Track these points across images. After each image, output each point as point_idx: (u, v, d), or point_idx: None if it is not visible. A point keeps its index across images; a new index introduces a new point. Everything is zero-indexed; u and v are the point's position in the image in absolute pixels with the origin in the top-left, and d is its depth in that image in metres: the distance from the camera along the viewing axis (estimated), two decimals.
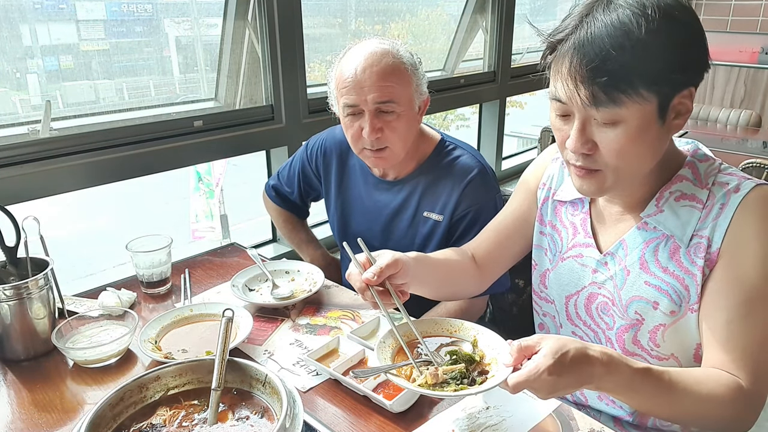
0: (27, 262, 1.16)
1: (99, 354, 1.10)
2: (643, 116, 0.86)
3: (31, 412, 0.99)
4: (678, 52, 0.85)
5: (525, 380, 0.79)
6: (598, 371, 0.81)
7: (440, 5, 3.61)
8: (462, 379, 0.90)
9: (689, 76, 0.88)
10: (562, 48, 0.88)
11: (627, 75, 0.83)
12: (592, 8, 0.87)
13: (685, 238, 0.95)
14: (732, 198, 0.92)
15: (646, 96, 0.85)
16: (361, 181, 1.57)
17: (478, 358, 0.94)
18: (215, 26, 2.05)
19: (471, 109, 5.73)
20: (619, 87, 0.84)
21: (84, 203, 7.15)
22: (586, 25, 0.86)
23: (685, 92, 0.88)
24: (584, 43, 0.85)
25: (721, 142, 3.55)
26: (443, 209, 1.45)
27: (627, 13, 0.83)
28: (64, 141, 1.59)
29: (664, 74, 0.84)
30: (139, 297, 1.38)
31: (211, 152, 1.93)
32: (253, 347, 1.18)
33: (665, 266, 0.97)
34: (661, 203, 0.98)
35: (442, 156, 1.48)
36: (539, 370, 0.78)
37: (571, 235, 1.12)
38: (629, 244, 1.02)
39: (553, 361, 0.78)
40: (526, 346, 0.83)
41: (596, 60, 0.83)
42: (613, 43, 0.83)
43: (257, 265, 1.45)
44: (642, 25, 0.82)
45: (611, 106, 0.85)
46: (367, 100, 1.33)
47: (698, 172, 0.97)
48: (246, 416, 0.87)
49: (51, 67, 1.97)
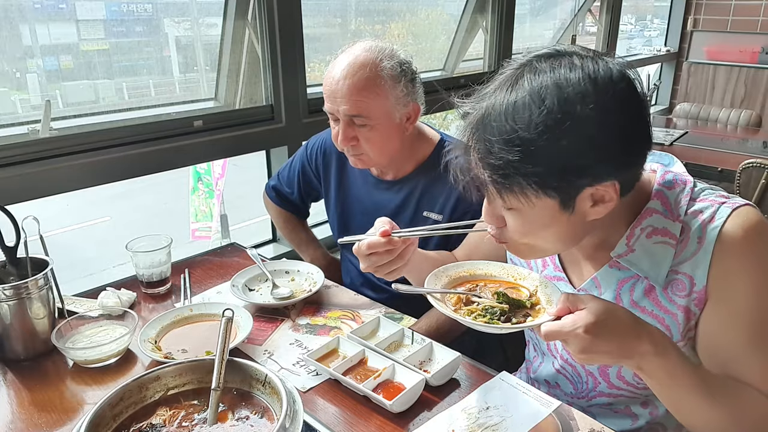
0: (27, 262, 1.16)
1: (99, 354, 1.10)
2: (543, 210, 0.80)
3: (31, 412, 0.99)
4: (575, 153, 0.76)
5: (558, 330, 0.75)
6: (644, 348, 0.75)
7: (440, 5, 3.61)
8: (500, 317, 0.89)
9: (602, 171, 0.78)
10: (466, 121, 0.83)
11: (511, 174, 0.77)
12: (502, 82, 0.81)
13: (660, 279, 0.89)
14: (708, 230, 0.85)
15: (534, 196, 0.79)
16: (360, 181, 1.57)
17: (528, 304, 0.93)
18: (215, 26, 2.04)
19: None
20: (505, 185, 0.79)
21: (84, 203, 7.15)
22: (488, 101, 0.80)
23: (599, 187, 0.79)
24: (479, 126, 0.80)
25: (721, 142, 3.55)
26: (443, 209, 1.45)
27: (525, 101, 0.76)
28: (64, 141, 1.59)
29: (555, 177, 0.77)
30: (139, 297, 1.38)
31: (211, 152, 1.93)
32: (253, 347, 1.18)
33: (643, 306, 0.93)
34: (632, 242, 0.90)
35: (441, 156, 1.48)
36: (576, 325, 0.74)
37: (541, 266, 1.09)
38: (602, 283, 0.97)
39: (595, 320, 0.73)
40: (573, 299, 0.77)
41: (482, 151, 0.79)
42: (501, 135, 0.76)
43: (257, 265, 1.45)
44: (533, 119, 0.74)
45: (506, 195, 0.81)
46: (339, 110, 1.35)
47: (668, 202, 0.90)
48: (246, 416, 0.87)
49: (51, 66, 1.97)
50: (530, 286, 0.99)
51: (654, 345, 0.76)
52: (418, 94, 1.42)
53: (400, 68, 1.36)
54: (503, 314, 0.90)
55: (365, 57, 1.34)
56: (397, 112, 1.38)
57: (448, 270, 1.03)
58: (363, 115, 1.33)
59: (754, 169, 2.57)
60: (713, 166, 2.89)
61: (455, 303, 0.96)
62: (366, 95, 1.32)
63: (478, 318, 0.90)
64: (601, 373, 1.03)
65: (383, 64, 1.34)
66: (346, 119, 1.35)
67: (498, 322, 0.88)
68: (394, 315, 1.30)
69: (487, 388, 1.03)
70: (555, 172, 0.77)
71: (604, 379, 1.02)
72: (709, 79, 5.03)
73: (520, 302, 0.93)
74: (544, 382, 1.14)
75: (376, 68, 1.33)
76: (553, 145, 0.75)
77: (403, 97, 1.37)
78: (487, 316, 0.90)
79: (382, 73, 1.33)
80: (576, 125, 0.74)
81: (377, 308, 1.33)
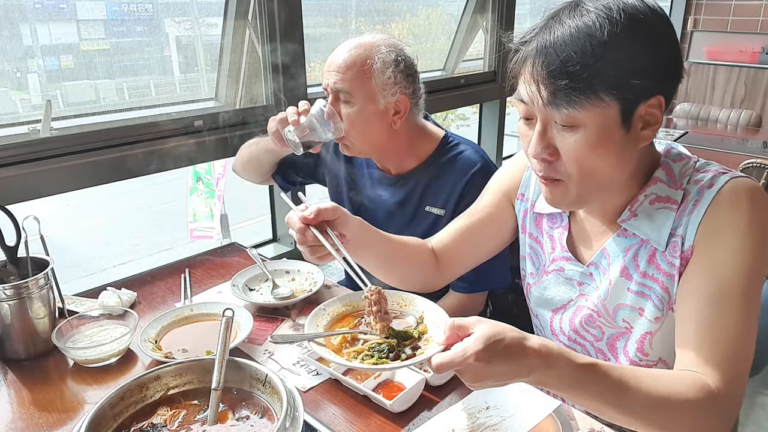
0: (27, 262, 1.16)
1: (99, 353, 1.10)
2: (604, 121, 0.84)
3: (31, 412, 1.00)
4: (641, 57, 0.83)
5: (449, 361, 0.75)
6: (534, 363, 0.76)
7: (440, 5, 3.61)
8: (389, 353, 0.87)
9: (654, 83, 0.85)
10: (526, 50, 0.87)
11: (586, 78, 0.81)
12: (559, 12, 0.86)
13: (662, 241, 0.92)
14: (706, 194, 0.89)
15: (606, 100, 0.82)
16: (366, 175, 1.60)
17: (416, 334, 0.91)
18: (216, 26, 2.05)
19: (471, 108, 5.74)
20: (578, 89, 0.82)
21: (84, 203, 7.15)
22: (551, 28, 0.85)
23: (653, 101, 0.85)
24: (546, 46, 0.84)
25: (721, 142, 3.55)
26: (445, 203, 1.46)
27: (592, 17, 0.82)
28: (64, 141, 1.59)
29: (626, 79, 0.82)
30: (139, 297, 1.38)
31: (211, 152, 1.93)
32: (253, 347, 1.18)
33: (644, 271, 0.95)
34: (635, 207, 0.95)
35: (445, 152, 1.49)
36: (466, 354, 0.74)
37: (550, 248, 1.10)
38: (611, 253, 0.99)
39: (483, 346, 0.74)
40: (459, 326, 0.78)
41: (556, 62, 0.82)
42: (574, 46, 0.82)
43: (257, 265, 1.45)
44: (605, 27, 0.81)
45: (570, 108, 0.83)
46: (329, 84, 1.40)
47: (672, 173, 0.94)
48: (246, 416, 0.87)
49: (51, 66, 1.97)
50: (416, 313, 0.98)
51: (542, 358, 0.76)
52: (411, 89, 1.43)
53: (395, 57, 1.39)
54: (391, 350, 0.88)
55: (366, 41, 1.40)
56: (383, 98, 1.39)
57: (328, 307, 0.99)
58: (346, 90, 1.38)
59: (754, 169, 2.57)
60: None
61: (340, 343, 0.93)
62: (354, 73, 1.37)
63: (366, 359, 0.88)
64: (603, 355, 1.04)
65: (380, 49, 1.39)
66: (333, 94, 1.41)
67: (387, 361, 0.86)
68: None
69: None
70: (626, 72, 0.82)
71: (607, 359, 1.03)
72: (709, 79, 5.03)
73: (408, 334, 0.91)
74: None
75: (370, 51, 1.38)
76: (624, 47, 0.82)
77: (390, 85, 1.39)
78: (375, 356, 0.88)
79: (374, 56, 1.38)
80: (643, 31, 0.83)
81: None
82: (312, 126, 1.38)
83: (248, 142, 1.71)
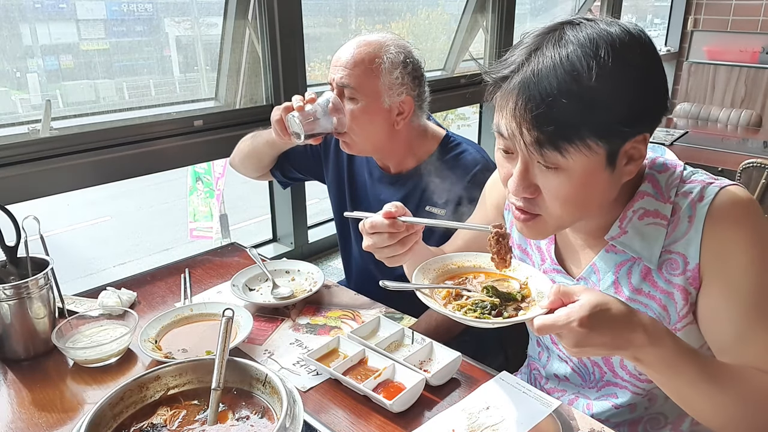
0: (27, 262, 1.16)
1: (99, 354, 1.10)
2: (590, 165, 0.81)
3: (31, 412, 0.99)
4: (630, 100, 0.80)
5: (551, 324, 0.75)
6: (638, 338, 0.75)
7: (440, 5, 3.61)
8: (491, 311, 0.88)
9: (643, 125, 0.83)
10: (507, 85, 0.82)
11: (574, 125, 0.78)
12: (541, 43, 0.82)
13: (653, 259, 0.90)
14: (698, 208, 0.87)
15: (593, 147, 0.80)
16: (366, 173, 1.60)
17: (519, 297, 0.91)
18: (215, 26, 2.05)
19: (471, 108, 5.73)
20: (565, 136, 0.79)
21: (84, 203, 7.15)
22: (533, 62, 0.80)
23: (639, 137, 0.83)
24: (530, 84, 0.79)
25: (721, 142, 3.55)
26: (446, 203, 1.45)
27: (578, 53, 0.78)
28: (64, 140, 1.59)
29: (614, 125, 0.79)
30: (139, 297, 1.38)
31: (212, 152, 1.93)
32: (253, 347, 1.18)
33: (639, 288, 0.93)
34: (624, 224, 0.93)
35: (446, 151, 1.49)
36: (570, 318, 0.73)
37: (540, 260, 1.09)
38: (600, 268, 0.98)
39: (588, 313, 0.73)
40: (564, 292, 0.77)
41: (542, 105, 0.78)
42: (560, 88, 0.77)
43: (257, 265, 1.45)
44: (593, 68, 0.76)
45: (556, 153, 0.80)
46: (335, 78, 1.40)
47: (659, 185, 0.92)
48: (246, 416, 0.87)
49: (51, 66, 1.97)
50: (520, 277, 0.98)
51: (648, 335, 0.75)
52: (417, 91, 1.44)
53: (403, 58, 1.40)
54: (494, 308, 0.88)
55: (376, 39, 1.41)
56: (388, 97, 1.40)
57: (435, 263, 1.01)
58: (352, 87, 1.38)
59: (754, 169, 2.57)
60: (713, 166, 2.89)
61: (444, 297, 0.94)
62: (362, 70, 1.37)
63: (469, 313, 0.88)
64: (605, 362, 1.03)
65: (389, 49, 1.39)
66: (339, 89, 1.40)
67: (489, 317, 0.87)
68: (394, 315, 1.30)
69: (487, 388, 1.03)
70: (615, 119, 0.79)
71: (609, 368, 1.02)
72: (709, 79, 5.03)
73: (511, 295, 0.92)
74: (553, 376, 1.14)
75: (379, 49, 1.38)
76: (610, 92, 0.78)
77: (397, 85, 1.39)
78: (478, 311, 0.88)
79: (383, 56, 1.38)
80: (629, 72, 0.79)
81: (377, 308, 1.33)
82: (316, 115, 1.38)
83: (248, 135, 1.70)
